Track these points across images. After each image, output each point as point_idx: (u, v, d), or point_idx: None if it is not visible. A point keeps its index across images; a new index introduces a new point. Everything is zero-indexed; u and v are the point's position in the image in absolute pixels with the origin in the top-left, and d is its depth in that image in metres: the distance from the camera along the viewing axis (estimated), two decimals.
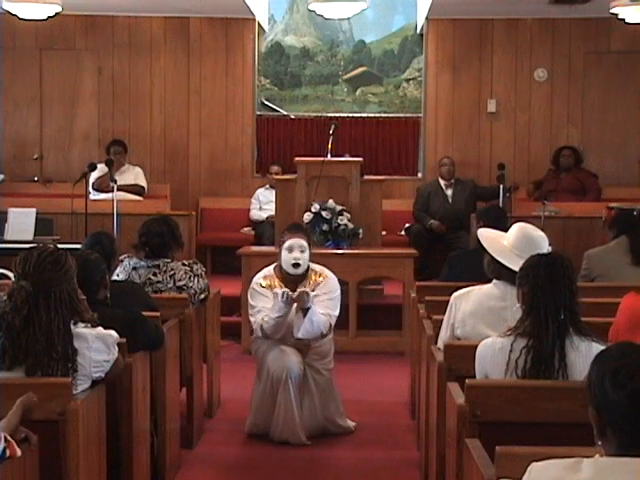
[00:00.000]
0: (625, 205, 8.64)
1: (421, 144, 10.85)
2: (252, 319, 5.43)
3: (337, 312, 5.46)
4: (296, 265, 5.39)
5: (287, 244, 5.42)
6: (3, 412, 2.75)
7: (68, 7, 9.37)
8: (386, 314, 8.06)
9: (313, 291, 5.34)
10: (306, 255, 5.42)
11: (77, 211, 8.05)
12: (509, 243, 4.14)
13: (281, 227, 6.97)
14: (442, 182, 9.83)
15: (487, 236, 4.30)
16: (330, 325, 5.37)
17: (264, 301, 5.36)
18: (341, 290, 5.61)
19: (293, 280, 5.43)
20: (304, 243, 5.44)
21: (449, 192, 9.79)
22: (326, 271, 5.57)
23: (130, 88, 10.71)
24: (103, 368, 3.59)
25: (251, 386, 5.61)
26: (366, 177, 8.53)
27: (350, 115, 11.05)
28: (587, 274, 6.20)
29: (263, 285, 5.45)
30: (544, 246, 4.08)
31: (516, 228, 4.20)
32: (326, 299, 5.41)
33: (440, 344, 4.24)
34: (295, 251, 5.40)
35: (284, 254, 5.42)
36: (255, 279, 5.55)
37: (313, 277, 5.48)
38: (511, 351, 3.38)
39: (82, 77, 10.70)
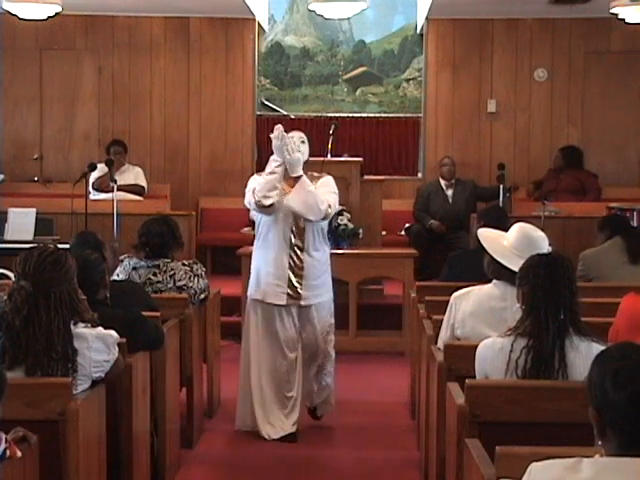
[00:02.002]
0: (625, 205, 8.66)
1: (421, 144, 10.84)
2: (247, 200, 5.43)
3: (336, 205, 5.46)
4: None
5: (289, 135, 5.46)
6: (3, 412, 2.75)
7: (68, 7, 9.36)
8: (386, 314, 8.05)
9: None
10: (305, 148, 5.41)
11: (77, 211, 8.03)
12: (509, 243, 4.14)
13: None
14: (442, 182, 9.82)
15: (487, 236, 4.29)
16: (328, 206, 5.33)
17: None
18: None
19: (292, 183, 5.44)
20: (304, 136, 5.48)
21: (449, 192, 9.78)
22: (326, 174, 5.61)
23: (130, 88, 10.70)
24: (103, 368, 3.59)
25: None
26: (366, 177, 8.52)
27: (350, 115, 11.06)
28: (584, 275, 6.21)
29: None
30: (544, 246, 4.07)
31: (516, 228, 4.19)
32: (325, 191, 5.42)
33: (440, 344, 4.24)
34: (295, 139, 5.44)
35: None
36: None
37: (313, 181, 5.46)
38: (511, 351, 3.38)
39: (82, 77, 10.69)
